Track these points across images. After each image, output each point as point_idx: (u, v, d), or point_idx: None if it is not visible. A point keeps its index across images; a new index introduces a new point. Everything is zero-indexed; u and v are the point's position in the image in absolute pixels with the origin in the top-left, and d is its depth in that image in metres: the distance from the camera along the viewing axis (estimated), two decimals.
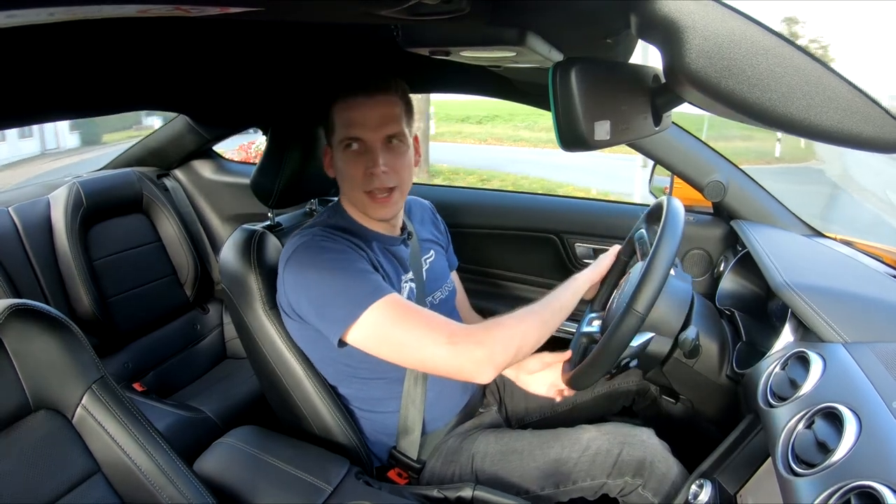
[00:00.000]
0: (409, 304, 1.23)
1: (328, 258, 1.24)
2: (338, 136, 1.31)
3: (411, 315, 1.20)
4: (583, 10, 0.85)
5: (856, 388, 0.92)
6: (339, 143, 1.31)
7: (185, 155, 2.73)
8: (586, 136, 0.76)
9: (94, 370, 1.09)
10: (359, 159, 1.31)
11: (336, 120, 1.31)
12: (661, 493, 1.27)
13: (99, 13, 0.54)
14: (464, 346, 1.16)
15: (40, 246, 2.11)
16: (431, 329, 1.18)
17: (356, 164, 1.31)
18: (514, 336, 1.19)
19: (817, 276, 1.37)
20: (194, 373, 2.49)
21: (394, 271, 1.40)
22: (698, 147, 1.82)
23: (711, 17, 0.59)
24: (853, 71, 11.15)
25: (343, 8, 0.74)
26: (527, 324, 1.23)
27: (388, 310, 1.19)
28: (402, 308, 1.21)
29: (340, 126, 1.30)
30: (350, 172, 1.32)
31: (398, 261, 1.43)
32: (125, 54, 1.21)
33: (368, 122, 1.29)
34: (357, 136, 1.30)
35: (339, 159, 1.33)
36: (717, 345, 1.36)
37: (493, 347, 1.17)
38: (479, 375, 1.17)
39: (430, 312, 1.23)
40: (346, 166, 1.32)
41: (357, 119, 1.29)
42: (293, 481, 1.27)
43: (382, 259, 1.38)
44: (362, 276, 1.22)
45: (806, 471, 0.82)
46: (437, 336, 1.17)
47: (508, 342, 1.18)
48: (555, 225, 2.21)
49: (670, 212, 1.28)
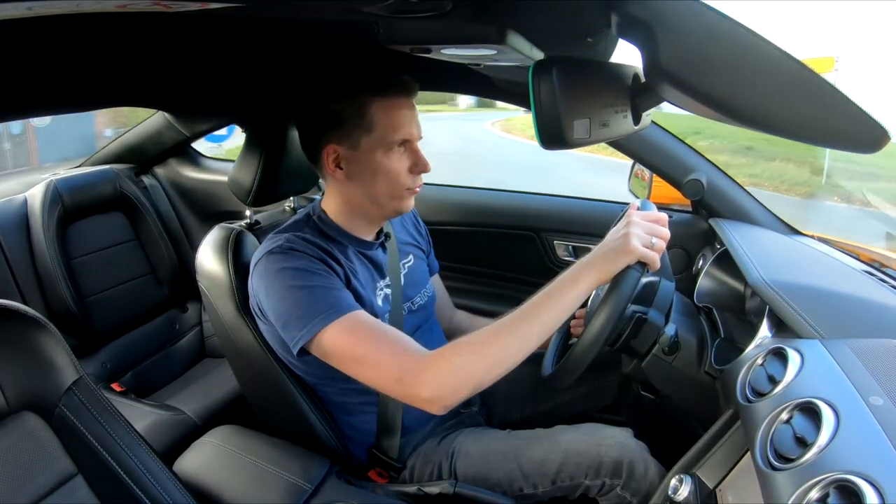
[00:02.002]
0: (367, 327, 1.19)
1: (292, 270, 1.22)
2: (383, 137, 1.29)
3: (366, 341, 1.17)
4: (563, 9, 0.85)
5: (833, 383, 0.93)
6: (384, 144, 1.29)
7: (164, 152, 2.70)
8: (566, 134, 0.77)
9: (72, 371, 1.07)
10: (403, 158, 1.32)
11: (378, 119, 1.28)
12: (639, 493, 1.28)
13: (77, 8, 0.54)
14: (413, 388, 1.12)
15: (17, 245, 2.09)
16: (381, 362, 1.15)
17: (402, 163, 1.32)
18: (473, 374, 1.12)
19: (795, 273, 1.38)
20: (173, 372, 2.47)
21: (369, 277, 1.39)
22: (677, 146, 1.83)
23: (690, 16, 0.59)
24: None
25: (325, 5, 0.74)
26: (493, 354, 1.13)
27: (343, 332, 1.17)
28: (359, 332, 1.18)
29: (388, 127, 1.28)
30: (397, 170, 1.31)
31: (374, 266, 1.42)
32: (103, 50, 1.19)
33: (414, 122, 1.32)
34: (408, 138, 1.31)
35: (380, 160, 1.30)
36: (696, 341, 1.37)
37: (442, 391, 1.12)
38: (429, 411, 1.14)
39: (388, 338, 1.18)
40: (392, 164, 1.30)
41: (406, 120, 1.30)
42: (274, 480, 1.26)
43: (357, 265, 1.37)
44: (324, 293, 1.20)
45: (785, 465, 0.83)
46: (387, 370, 1.14)
47: (463, 382, 1.12)
48: (534, 222, 2.22)
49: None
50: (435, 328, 1.61)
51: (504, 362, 1.13)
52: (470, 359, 1.12)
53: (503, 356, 1.13)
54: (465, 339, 1.13)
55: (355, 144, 1.30)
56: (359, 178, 1.33)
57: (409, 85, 1.32)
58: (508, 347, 1.12)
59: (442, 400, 1.11)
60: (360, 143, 1.29)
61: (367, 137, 1.29)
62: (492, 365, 1.12)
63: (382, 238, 1.46)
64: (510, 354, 1.12)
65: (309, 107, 1.36)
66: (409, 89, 1.32)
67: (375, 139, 1.28)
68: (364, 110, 1.28)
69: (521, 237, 2.23)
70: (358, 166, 1.32)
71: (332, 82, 1.33)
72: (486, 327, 1.13)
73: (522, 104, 1.93)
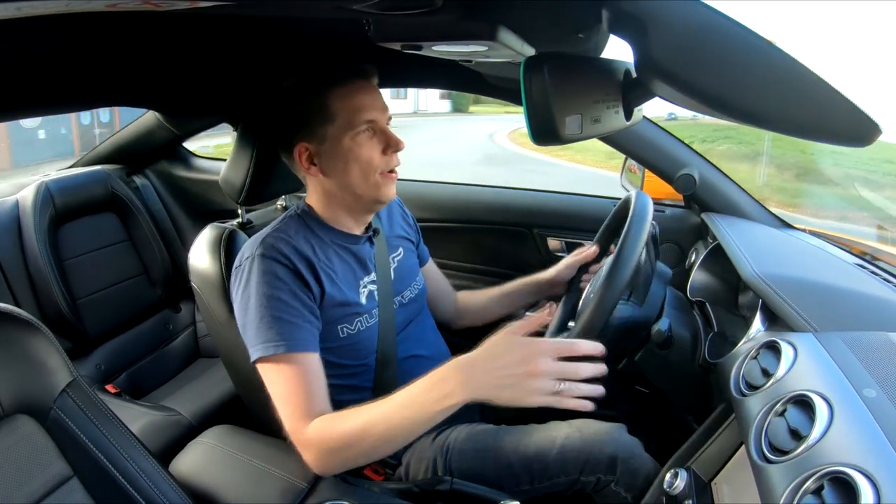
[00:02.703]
0: (291, 374, 1.22)
1: (260, 287, 1.25)
2: (346, 123, 1.29)
3: (282, 387, 1.22)
4: (554, 6, 0.85)
5: (826, 376, 0.93)
6: (350, 130, 1.29)
7: (155, 152, 2.69)
8: (558, 129, 0.77)
9: (65, 373, 1.07)
10: (373, 141, 1.31)
11: (338, 107, 1.29)
12: (634, 489, 1.28)
13: (66, 7, 0.54)
14: (296, 447, 1.20)
15: (9, 247, 2.08)
16: (283, 413, 1.22)
17: (372, 146, 1.31)
18: (335, 467, 1.21)
19: (787, 266, 1.39)
20: (167, 373, 2.47)
21: (350, 274, 1.39)
22: (669, 141, 1.84)
23: (681, 11, 0.59)
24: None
25: (314, 2, 0.73)
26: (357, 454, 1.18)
27: (271, 368, 1.23)
28: (281, 375, 1.22)
29: (349, 112, 1.29)
30: (368, 156, 1.31)
31: (359, 262, 1.42)
32: (93, 49, 1.19)
33: (377, 104, 1.31)
34: (372, 119, 1.30)
35: (348, 146, 1.30)
36: (690, 336, 1.37)
37: (313, 466, 1.19)
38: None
39: (297, 397, 1.21)
40: (363, 150, 1.30)
41: (367, 103, 1.30)
42: (270, 479, 1.26)
43: (336, 263, 1.37)
44: (277, 324, 1.23)
45: (779, 457, 0.83)
46: (285, 421, 1.22)
47: (329, 469, 1.21)
48: (527, 218, 2.22)
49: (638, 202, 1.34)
50: (426, 321, 1.62)
51: (367, 459, 1.22)
52: (333, 457, 1.17)
53: (366, 455, 1.19)
54: (339, 431, 1.16)
55: (322, 138, 1.31)
56: (332, 170, 1.34)
57: (364, 69, 1.33)
58: (371, 449, 1.17)
59: (315, 470, 1.20)
60: (327, 135, 1.30)
61: (331, 127, 1.30)
62: (354, 461, 1.20)
63: (370, 233, 1.46)
64: (373, 453, 1.19)
65: (274, 111, 1.38)
66: (365, 73, 1.33)
67: (339, 127, 1.29)
68: (323, 102, 1.29)
69: (514, 233, 2.23)
70: (330, 159, 1.33)
71: (289, 84, 1.35)
72: (360, 418, 1.14)
73: (514, 100, 1.93)
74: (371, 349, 1.40)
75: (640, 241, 1.25)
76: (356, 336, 1.36)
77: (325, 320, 1.32)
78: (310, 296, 1.28)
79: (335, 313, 1.33)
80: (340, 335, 1.34)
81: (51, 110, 2.01)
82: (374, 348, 1.40)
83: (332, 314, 1.32)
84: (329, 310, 1.32)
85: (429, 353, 1.52)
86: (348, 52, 1.50)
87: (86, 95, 1.56)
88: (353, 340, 1.36)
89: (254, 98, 1.76)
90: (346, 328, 1.35)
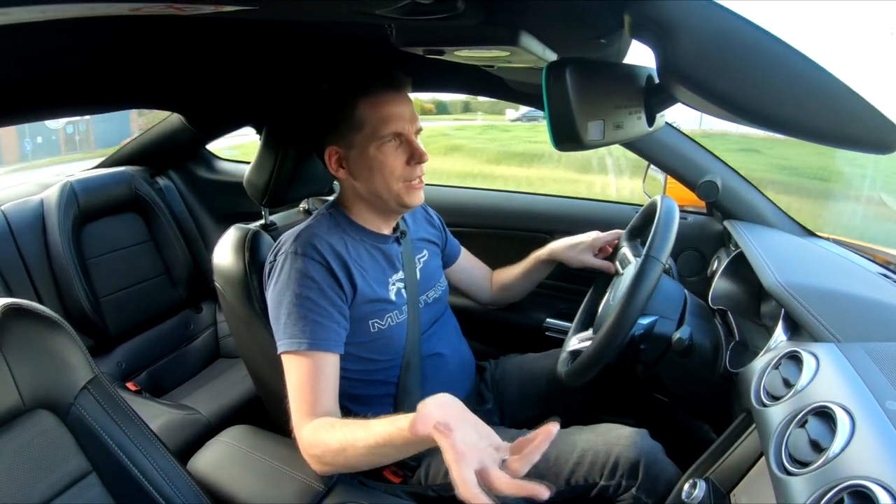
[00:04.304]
0: (307, 372, 1.27)
1: (289, 285, 1.29)
2: (373, 133, 1.32)
3: (296, 381, 1.27)
4: (576, 10, 0.85)
5: (849, 387, 0.92)
6: (375, 139, 1.32)
7: (179, 154, 2.72)
8: (580, 135, 0.77)
9: (87, 370, 1.08)
10: (398, 152, 1.34)
11: (366, 116, 1.32)
12: (655, 494, 1.27)
13: (91, 11, 0.54)
14: (299, 440, 1.25)
15: (33, 245, 2.11)
16: (293, 406, 1.27)
17: (396, 156, 1.34)
18: (328, 470, 1.24)
19: (810, 275, 1.37)
20: (187, 372, 2.49)
21: (380, 271, 1.43)
22: (692, 147, 1.82)
23: (704, 16, 0.59)
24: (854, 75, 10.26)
25: (337, 7, 0.74)
26: (342, 466, 1.21)
27: (292, 362, 1.28)
28: (300, 371, 1.27)
29: (376, 122, 1.32)
30: (392, 165, 1.34)
31: (388, 260, 1.45)
32: (118, 52, 1.20)
33: (405, 115, 1.34)
34: (399, 131, 1.33)
35: (374, 155, 1.33)
36: (711, 344, 1.36)
37: (311, 465, 1.23)
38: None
39: (307, 395, 1.26)
40: (387, 160, 1.34)
41: (395, 114, 1.33)
42: (287, 480, 1.27)
43: (367, 261, 1.41)
44: (301, 320, 1.27)
45: (799, 470, 0.82)
46: (292, 414, 1.27)
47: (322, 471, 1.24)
48: (548, 225, 2.21)
49: (665, 206, 1.34)
50: (450, 320, 1.65)
51: (350, 469, 1.22)
52: (315, 461, 1.22)
53: (348, 467, 1.20)
54: (323, 440, 1.18)
55: (350, 144, 1.35)
56: (359, 175, 1.37)
57: (395, 79, 1.35)
58: (359, 466, 1.19)
59: (314, 466, 1.24)
60: (354, 141, 1.34)
61: (358, 135, 1.33)
62: (336, 469, 1.22)
63: (398, 233, 1.49)
64: (359, 468, 1.20)
65: (306, 113, 1.42)
66: (396, 84, 1.35)
67: (366, 136, 1.33)
68: (352, 111, 1.32)
69: (534, 239, 2.21)
70: (356, 164, 1.36)
71: (319, 89, 1.38)
72: (357, 439, 1.13)
73: (536, 105, 1.93)
74: (400, 345, 1.43)
75: (665, 249, 1.26)
76: (386, 332, 1.40)
77: (357, 317, 1.35)
78: (341, 296, 1.32)
79: (366, 309, 1.37)
80: (371, 330, 1.38)
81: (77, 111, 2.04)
82: (402, 344, 1.43)
83: (363, 310, 1.36)
84: (361, 306, 1.36)
85: (448, 351, 1.54)
86: (371, 56, 1.51)
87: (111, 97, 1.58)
88: (383, 336, 1.39)
89: (279, 102, 1.78)
90: (377, 323, 1.38)
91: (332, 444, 1.16)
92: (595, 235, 1.76)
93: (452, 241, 1.78)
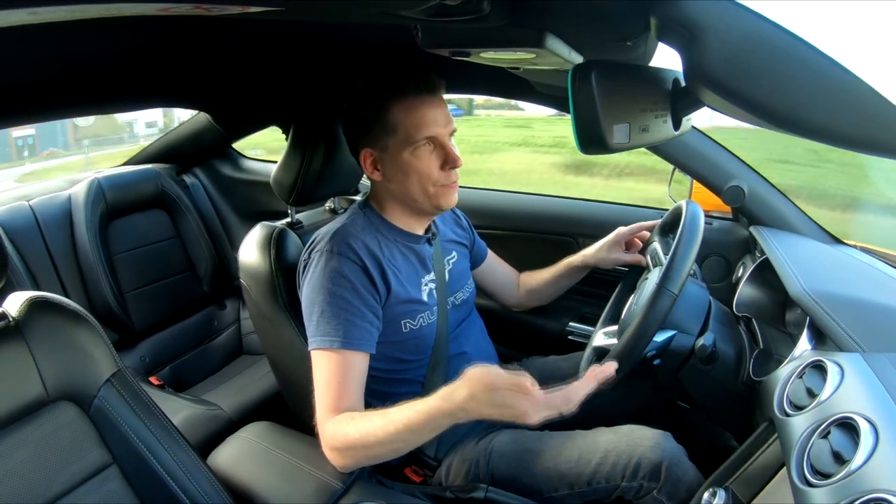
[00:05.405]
0: (335, 369, 1.27)
1: (323, 283, 1.30)
2: (407, 137, 1.32)
3: (324, 378, 1.28)
4: (602, 13, 0.85)
5: (873, 398, 0.90)
6: (410, 144, 1.32)
7: (205, 152, 2.75)
8: (605, 138, 0.76)
9: (111, 363, 1.10)
10: (432, 155, 1.35)
11: (400, 120, 1.32)
12: (676, 498, 1.26)
13: (118, 11, 0.55)
14: (321, 436, 1.26)
15: (60, 240, 2.15)
16: (318, 402, 1.27)
17: (431, 160, 1.35)
18: (349, 465, 1.25)
19: (836, 284, 1.35)
20: (210, 368, 2.52)
21: (412, 271, 1.43)
22: (718, 151, 1.80)
23: (731, 19, 0.58)
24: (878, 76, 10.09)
25: (363, 8, 0.74)
26: (366, 459, 1.24)
27: (321, 359, 1.28)
28: (328, 369, 1.28)
29: (410, 127, 1.31)
30: (426, 169, 1.34)
31: (420, 261, 1.46)
32: (147, 52, 1.22)
33: (439, 119, 1.34)
34: (433, 136, 1.33)
35: (408, 160, 1.34)
36: (734, 352, 1.35)
37: (331, 460, 1.25)
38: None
39: (333, 391, 1.27)
40: (421, 164, 1.34)
41: (429, 118, 1.32)
42: (306, 478, 1.27)
43: (400, 261, 1.41)
44: (336, 322, 1.28)
45: (821, 481, 0.81)
46: (317, 410, 1.27)
47: (343, 466, 1.25)
48: (570, 227, 2.20)
49: (690, 215, 1.32)
50: (476, 322, 1.65)
51: (373, 461, 1.27)
52: (336, 455, 1.23)
53: (374, 459, 1.25)
54: (356, 436, 1.19)
55: (384, 147, 1.35)
56: (393, 178, 1.37)
57: (429, 82, 1.34)
58: (381, 456, 1.23)
59: (335, 463, 1.26)
60: (388, 145, 1.34)
61: (392, 139, 1.33)
62: (358, 462, 1.25)
63: (430, 234, 1.50)
64: (382, 457, 1.24)
65: (341, 115, 1.42)
66: (429, 87, 1.34)
67: (400, 140, 1.32)
68: (385, 114, 1.32)
69: (558, 242, 2.21)
70: (391, 167, 1.36)
71: (352, 91, 1.38)
72: (376, 428, 1.17)
73: (562, 108, 1.92)
74: (429, 345, 1.44)
75: (681, 277, 1.25)
76: (418, 332, 1.41)
77: (390, 317, 1.36)
78: (375, 296, 1.33)
79: (399, 310, 1.38)
80: (403, 330, 1.39)
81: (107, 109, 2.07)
82: (431, 344, 1.44)
83: (396, 310, 1.37)
84: (394, 306, 1.36)
85: (473, 350, 1.54)
86: (398, 57, 1.51)
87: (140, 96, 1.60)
88: (414, 336, 1.40)
89: (307, 102, 1.79)
90: (408, 323, 1.39)
91: (353, 434, 1.17)
92: (618, 231, 1.75)
93: (480, 242, 1.78)
